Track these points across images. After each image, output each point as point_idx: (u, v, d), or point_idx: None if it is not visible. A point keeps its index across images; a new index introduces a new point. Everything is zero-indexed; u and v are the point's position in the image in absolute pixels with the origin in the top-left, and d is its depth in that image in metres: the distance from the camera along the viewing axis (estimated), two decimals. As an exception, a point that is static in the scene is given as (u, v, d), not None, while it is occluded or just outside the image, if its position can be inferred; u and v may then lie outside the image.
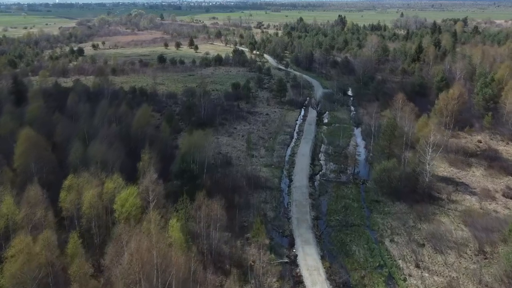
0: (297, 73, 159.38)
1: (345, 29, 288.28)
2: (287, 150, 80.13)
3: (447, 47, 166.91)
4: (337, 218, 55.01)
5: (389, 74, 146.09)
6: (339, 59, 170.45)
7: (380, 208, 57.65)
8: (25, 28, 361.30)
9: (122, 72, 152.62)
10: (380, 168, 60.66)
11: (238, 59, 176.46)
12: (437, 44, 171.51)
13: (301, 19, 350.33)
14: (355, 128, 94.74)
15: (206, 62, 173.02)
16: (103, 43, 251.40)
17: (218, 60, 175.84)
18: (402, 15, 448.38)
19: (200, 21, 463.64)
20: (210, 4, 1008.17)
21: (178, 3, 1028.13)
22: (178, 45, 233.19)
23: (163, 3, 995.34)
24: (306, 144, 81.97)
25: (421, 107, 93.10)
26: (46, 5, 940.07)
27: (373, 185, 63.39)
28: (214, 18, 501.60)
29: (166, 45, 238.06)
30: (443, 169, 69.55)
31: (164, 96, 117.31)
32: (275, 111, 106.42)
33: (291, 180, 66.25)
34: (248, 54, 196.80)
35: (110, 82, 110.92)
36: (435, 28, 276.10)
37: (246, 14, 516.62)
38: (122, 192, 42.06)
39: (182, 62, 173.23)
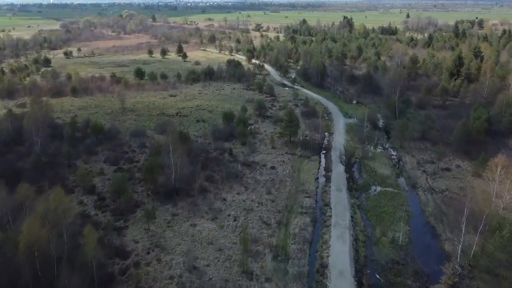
0: (307, 92, 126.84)
1: (356, 32, 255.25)
2: (309, 255, 47.03)
3: (492, 58, 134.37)
4: None
5: (425, 95, 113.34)
6: (358, 73, 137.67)
7: None
8: (3, 30, 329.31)
9: (85, 92, 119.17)
10: None
11: (233, 72, 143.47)
12: (478, 54, 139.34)
13: (304, 21, 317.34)
14: (408, 195, 61.92)
15: (194, 76, 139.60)
16: (79, 49, 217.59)
17: (209, 74, 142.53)
18: (408, 15, 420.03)
19: (194, 22, 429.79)
20: (208, 4, 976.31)
21: (174, 3, 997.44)
22: (164, 52, 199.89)
23: (159, 3, 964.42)
24: (340, 241, 48.94)
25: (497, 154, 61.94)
26: (40, 5, 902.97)
27: None
28: (209, 19, 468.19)
29: (150, 52, 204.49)
30: None
31: (129, 133, 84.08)
32: (283, 161, 73.22)
33: None
34: (245, 64, 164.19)
35: (47, 117, 77.61)
36: (458, 32, 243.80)
37: (244, 15, 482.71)
38: None
39: (164, 77, 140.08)
